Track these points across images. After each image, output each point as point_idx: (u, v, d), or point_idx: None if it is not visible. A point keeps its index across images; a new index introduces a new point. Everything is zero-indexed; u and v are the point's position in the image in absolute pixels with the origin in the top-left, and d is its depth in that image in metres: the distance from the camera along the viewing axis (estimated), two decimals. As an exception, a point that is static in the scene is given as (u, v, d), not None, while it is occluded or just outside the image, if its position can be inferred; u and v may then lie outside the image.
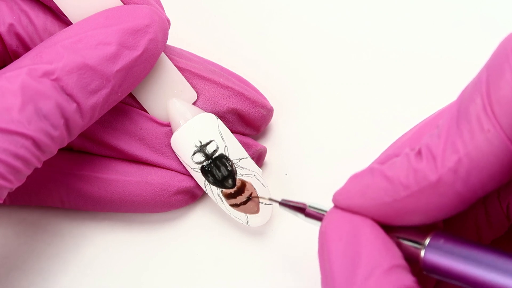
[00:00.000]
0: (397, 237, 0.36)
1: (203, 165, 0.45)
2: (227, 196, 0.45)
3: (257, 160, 0.48)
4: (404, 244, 0.36)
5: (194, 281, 0.46)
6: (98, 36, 0.41)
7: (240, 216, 0.46)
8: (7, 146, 0.39)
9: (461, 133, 0.34)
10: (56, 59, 0.41)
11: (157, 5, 0.45)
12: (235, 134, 0.46)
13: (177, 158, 0.46)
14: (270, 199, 0.44)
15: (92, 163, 0.46)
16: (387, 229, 0.36)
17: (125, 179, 0.46)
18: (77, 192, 0.46)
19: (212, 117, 0.45)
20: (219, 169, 0.45)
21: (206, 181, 0.45)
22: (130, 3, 0.44)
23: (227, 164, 0.45)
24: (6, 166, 0.39)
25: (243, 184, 0.46)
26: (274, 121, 0.49)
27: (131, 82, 0.43)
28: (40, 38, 0.44)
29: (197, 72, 0.46)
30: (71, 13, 0.43)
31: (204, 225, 0.47)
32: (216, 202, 0.46)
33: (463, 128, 0.34)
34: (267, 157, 0.49)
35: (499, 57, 0.34)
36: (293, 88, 0.51)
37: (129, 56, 0.42)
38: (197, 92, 0.46)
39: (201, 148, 0.45)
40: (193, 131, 0.45)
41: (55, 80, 0.40)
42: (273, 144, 0.49)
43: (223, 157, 0.45)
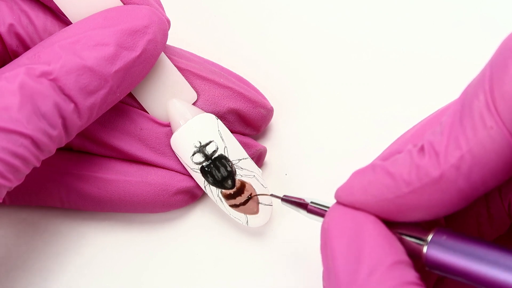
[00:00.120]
0: (399, 233, 0.36)
1: (203, 165, 0.45)
2: (227, 196, 0.45)
3: (257, 160, 0.48)
4: (407, 240, 0.36)
5: (194, 281, 0.46)
6: (97, 37, 0.41)
7: (239, 216, 0.46)
8: (6, 145, 0.39)
9: (464, 129, 0.34)
10: (54, 60, 0.41)
11: (157, 5, 0.45)
12: (235, 134, 0.46)
13: (177, 158, 0.46)
14: (272, 195, 0.44)
15: (92, 163, 0.46)
16: (389, 225, 0.36)
17: (125, 179, 0.46)
18: (77, 192, 0.46)
19: (212, 117, 0.45)
20: (218, 170, 0.45)
21: (206, 181, 0.45)
22: (130, 3, 0.44)
23: (226, 164, 0.45)
24: (5, 165, 0.39)
25: (243, 184, 0.45)
26: (274, 121, 0.49)
27: (129, 83, 0.43)
28: (40, 38, 0.44)
29: (197, 72, 0.46)
30: (71, 13, 0.43)
31: (204, 225, 0.47)
32: (216, 202, 0.46)
33: (466, 124, 0.34)
34: (267, 157, 0.49)
35: (503, 53, 0.34)
36: (293, 88, 0.51)
37: (127, 56, 0.42)
38: (197, 92, 0.46)
39: (201, 149, 0.45)
40: (192, 131, 0.45)
41: (53, 80, 0.40)
42: (273, 144, 0.49)
43: (222, 157, 0.45)
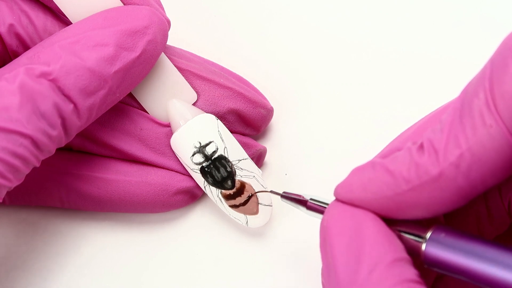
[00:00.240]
0: (398, 230, 0.36)
1: (203, 166, 0.45)
2: (227, 197, 0.45)
3: (257, 160, 0.47)
4: (406, 238, 0.36)
5: (194, 281, 0.46)
6: (96, 37, 0.41)
7: (239, 217, 0.46)
8: (6, 144, 0.39)
9: (464, 127, 0.34)
10: (54, 60, 0.41)
11: (157, 5, 0.45)
12: (235, 134, 0.46)
13: (177, 158, 0.46)
14: (272, 192, 0.44)
15: (92, 163, 0.46)
16: (389, 222, 0.36)
17: (125, 179, 0.46)
18: (77, 192, 0.46)
19: (212, 118, 0.45)
20: (218, 170, 0.45)
21: (206, 182, 0.45)
22: (130, 4, 0.44)
23: (226, 165, 0.45)
24: (5, 165, 0.39)
25: (243, 185, 0.45)
26: (274, 121, 0.49)
27: (129, 83, 0.43)
28: (40, 38, 0.44)
29: (197, 73, 0.46)
30: (71, 13, 0.43)
31: (204, 225, 0.47)
32: (216, 203, 0.46)
33: (465, 122, 0.34)
34: (267, 157, 0.49)
35: (503, 52, 0.34)
36: (293, 88, 0.51)
37: (127, 57, 0.42)
38: (197, 92, 0.46)
39: (201, 149, 0.45)
40: (192, 132, 0.45)
41: (52, 80, 0.40)
42: (273, 144, 0.49)
43: (222, 158, 0.45)
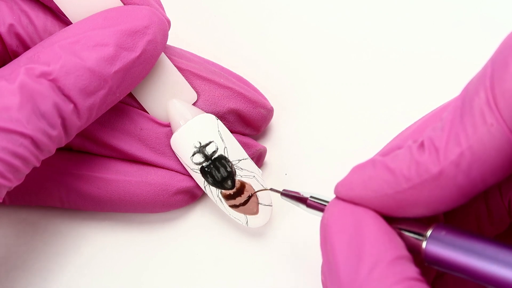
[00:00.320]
0: (398, 228, 0.36)
1: (203, 166, 0.45)
2: (227, 197, 0.45)
3: (257, 160, 0.47)
4: (406, 236, 0.36)
5: (194, 281, 0.46)
6: (96, 37, 0.41)
7: (239, 217, 0.46)
8: (6, 144, 0.39)
9: (464, 126, 0.34)
10: (54, 60, 0.41)
11: (157, 5, 0.45)
12: (235, 134, 0.46)
13: (177, 158, 0.46)
14: (272, 189, 0.44)
15: (92, 163, 0.46)
16: (389, 220, 0.36)
17: (125, 179, 0.46)
18: (77, 192, 0.46)
19: (212, 118, 0.45)
20: (218, 170, 0.45)
21: (206, 182, 0.45)
22: (130, 4, 0.44)
23: (226, 165, 0.45)
24: (5, 165, 0.39)
25: (243, 185, 0.45)
26: (274, 121, 0.49)
27: (129, 83, 0.43)
28: (40, 38, 0.44)
29: (197, 73, 0.46)
30: (71, 13, 0.43)
31: (204, 225, 0.47)
32: (216, 202, 0.46)
33: (466, 121, 0.34)
34: (267, 157, 0.49)
35: (504, 51, 0.34)
36: (293, 88, 0.51)
37: (127, 57, 0.42)
38: (197, 92, 0.46)
39: (201, 149, 0.45)
40: (192, 132, 0.45)
41: (52, 80, 0.40)
42: (273, 144, 0.49)
43: (222, 158, 0.45)
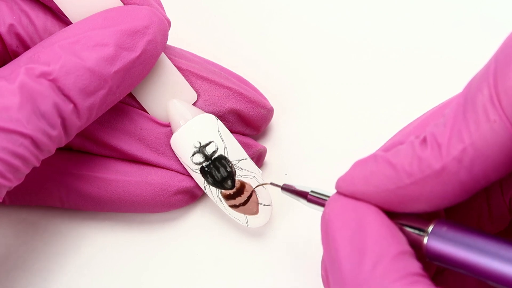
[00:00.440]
0: (400, 224, 0.36)
1: (203, 166, 0.45)
2: (226, 197, 0.45)
3: (257, 160, 0.48)
4: (407, 231, 0.36)
5: (194, 281, 0.46)
6: (96, 37, 0.41)
7: (239, 217, 0.46)
8: (6, 144, 0.39)
9: (467, 122, 0.34)
10: (54, 60, 0.41)
11: (157, 5, 0.45)
12: (235, 134, 0.46)
13: (177, 158, 0.46)
14: (272, 184, 0.43)
15: (92, 163, 0.46)
16: (390, 215, 0.36)
17: (125, 179, 0.46)
18: (77, 192, 0.46)
19: (212, 118, 0.45)
20: (218, 170, 0.45)
21: (206, 182, 0.45)
22: (130, 4, 0.44)
23: (226, 165, 0.45)
24: (6, 165, 0.39)
25: (242, 185, 0.45)
26: (274, 121, 0.49)
27: (129, 83, 0.43)
28: (40, 38, 0.44)
29: (197, 73, 0.46)
30: (71, 13, 0.43)
31: (204, 225, 0.47)
32: (216, 202, 0.46)
33: (469, 117, 0.34)
34: (267, 157, 0.49)
35: (507, 48, 0.34)
36: (293, 88, 0.51)
37: (127, 57, 0.42)
38: (197, 92, 0.46)
39: (201, 149, 0.45)
40: (192, 132, 0.45)
41: (52, 80, 0.40)
42: (273, 144, 0.49)
43: (222, 158, 0.45)
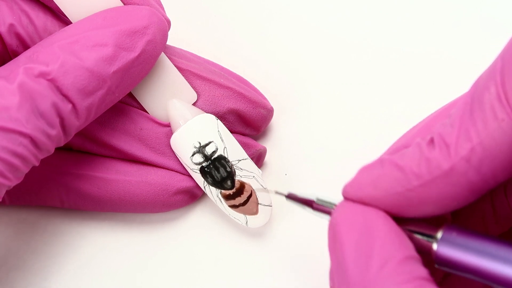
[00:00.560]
0: (408, 230, 0.36)
1: (202, 166, 0.45)
2: (226, 197, 0.45)
3: (257, 160, 0.47)
4: (415, 237, 0.36)
5: (194, 281, 0.46)
6: (95, 37, 0.41)
7: (239, 217, 0.46)
8: (5, 144, 0.39)
9: (475, 121, 0.34)
10: (53, 60, 0.41)
11: (157, 5, 0.45)
12: (235, 134, 0.46)
13: (177, 158, 0.46)
14: (277, 193, 0.43)
15: (92, 163, 0.46)
16: (398, 221, 0.36)
17: (125, 179, 0.46)
18: (76, 192, 0.46)
19: (212, 118, 0.45)
20: (218, 170, 0.45)
21: (205, 182, 0.45)
22: (130, 4, 0.44)
23: (226, 165, 0.45)
24: (5, 164, 0.39)
25: (242, 185, 0.45)
26: (274, 121, 0.49)
27: (128, 83, 0.43)
28: (40, 38, 0.44)
29: (197, 73, 0.46)
30: (71, 13, 0.43)
31: (204, 225, 0.47)
32: (216, 202, 0.46)
33: (476, 116, 0.34)
34: (267, 157, 0.49)
35: None
36: (293, 88, 0.51)
37: (126, 57, 0.42)
38: (197, 92, 0.46)
39: (200, 149, 0.45)
40: (192, 132, 0.45)
41: (50, 80, 0.40)
42: (273, 144, 0.49)
43: (222, 158, 0.45)
